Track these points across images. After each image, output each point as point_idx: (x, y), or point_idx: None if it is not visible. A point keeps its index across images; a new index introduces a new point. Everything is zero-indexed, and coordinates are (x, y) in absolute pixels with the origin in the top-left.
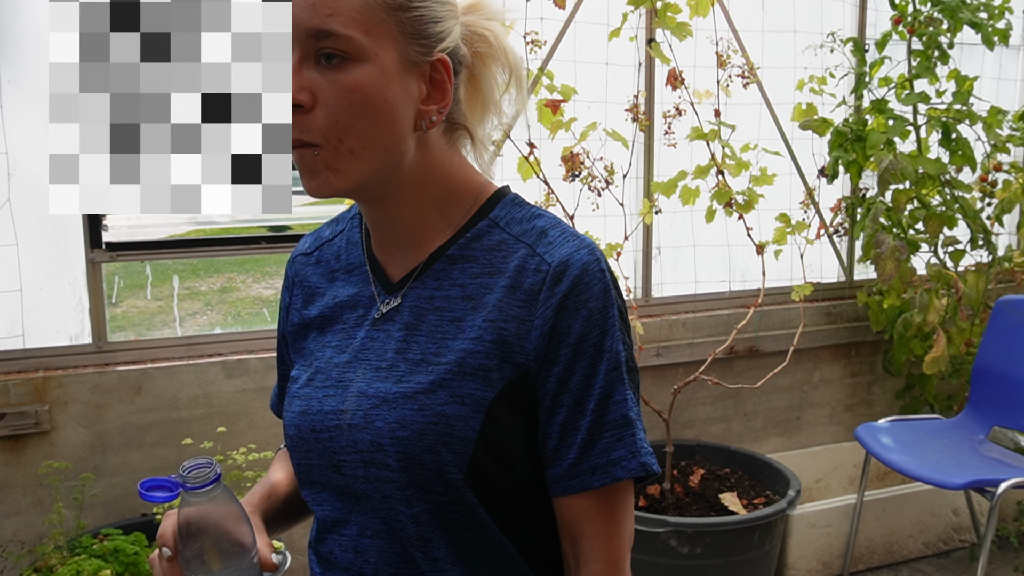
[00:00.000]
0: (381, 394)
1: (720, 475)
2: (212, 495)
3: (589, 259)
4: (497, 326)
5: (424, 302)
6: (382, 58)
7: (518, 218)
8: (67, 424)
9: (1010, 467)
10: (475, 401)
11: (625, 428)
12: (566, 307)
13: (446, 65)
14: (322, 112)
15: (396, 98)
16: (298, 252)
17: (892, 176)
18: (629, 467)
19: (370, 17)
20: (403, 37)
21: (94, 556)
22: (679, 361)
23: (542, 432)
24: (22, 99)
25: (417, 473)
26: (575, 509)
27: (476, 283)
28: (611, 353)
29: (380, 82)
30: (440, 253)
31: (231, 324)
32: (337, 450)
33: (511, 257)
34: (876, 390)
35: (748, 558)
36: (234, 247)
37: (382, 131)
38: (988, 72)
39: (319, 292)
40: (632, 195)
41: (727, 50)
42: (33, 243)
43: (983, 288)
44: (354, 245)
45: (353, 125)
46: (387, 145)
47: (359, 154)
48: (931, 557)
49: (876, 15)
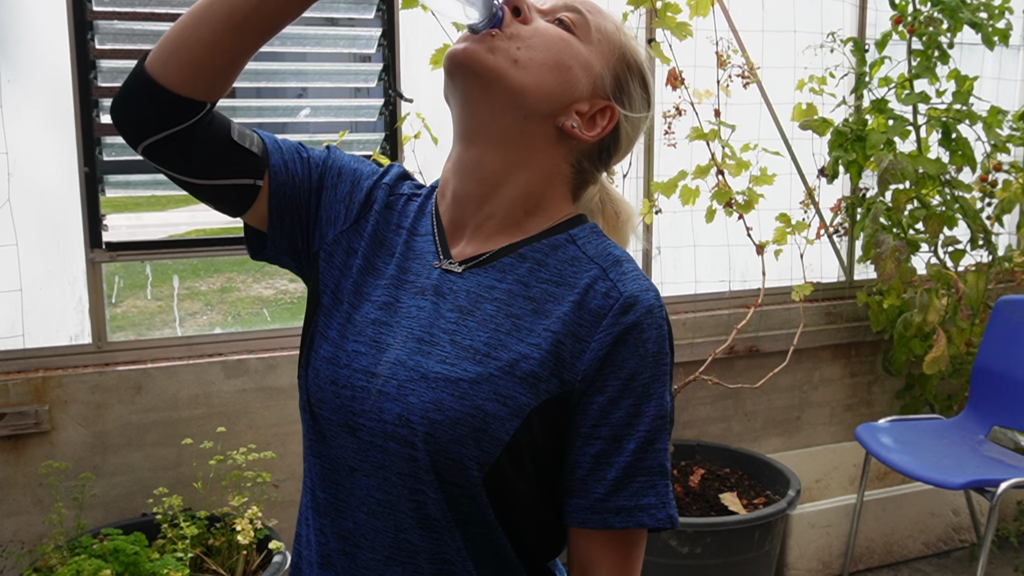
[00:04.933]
0: (421, 369)
1: (720, 475)
2: None
3: (656, 304)
4: (558, 338)
5: (484, 290)
6: (591, 57)
7: (595, 242)
8: (67, 424)
9: (1010, 467)
10: (518, 405)
11: (660, 477)
12: (626, 340)
13: (614, 117)
14: (529, 29)
15: (577, 80)
16: (388, 180)
17: (892, 176)
18: (657, 516)
19: (603, 51)
20: (611, 78)
21: (94, 556)
22: (679, 361)
23: (572, 459)
24: (22, 99)
25: (440, 460)
26: (592, 543)
27: (542, 288)
28: (660, 400)
29: (579, 58)
30: (511, 249)
31: (231, 324)
32: (357, 412)
33: (582, 275)
34: (876, 390)
35: (748, 558)
36: (234, 247)
37: (546, 75)
38: (988, 72)
39: (381, 239)
40: (632, 195)
41: (727, 50)
42: (33, 243)
43: (983, 288)
44: (426, 215)
45: (538, 49)
46: (538, 92)
47: (522, 65)
48: (931, 557)
49: (876, 15)
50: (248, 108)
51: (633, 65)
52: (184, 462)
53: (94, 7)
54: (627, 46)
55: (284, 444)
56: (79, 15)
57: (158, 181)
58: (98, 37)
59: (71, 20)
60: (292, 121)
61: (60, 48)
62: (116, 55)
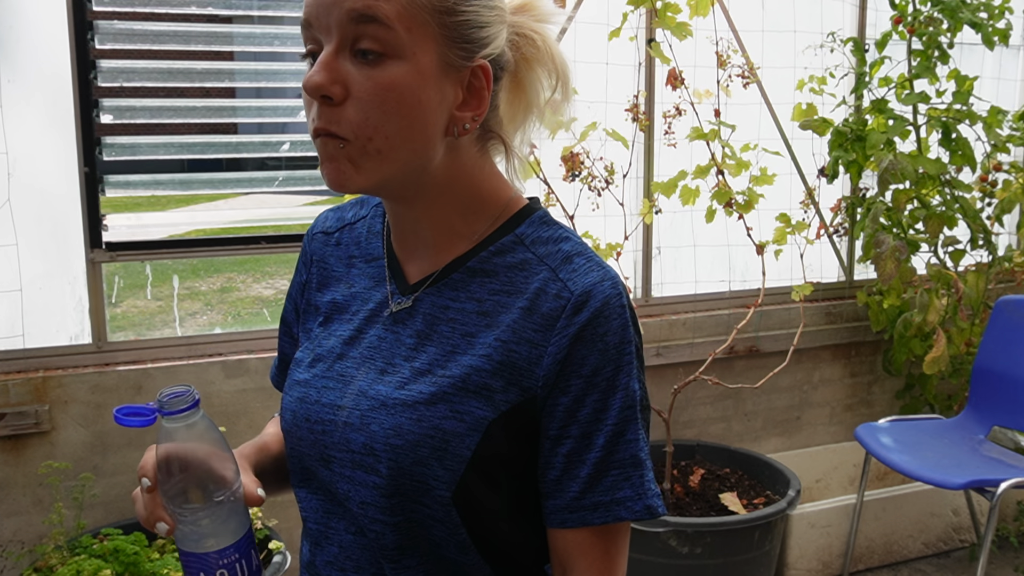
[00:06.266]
0: (381, 397)
1: (720, 475)
2: (190, 421)
3: (611, 292)
4: (508, 347)
5: (439, 311)
6: (420, 58)
7: (544, 238)
8: (67, 424)
9: (1010, 467)
10: (474, 419)
11: (634, 468)
12: (583, 338)
13: (487, 72)
14: (353, 107)
15: (430, 101)
16: (318, 229)
17: (892, 176)
18: (634, 508)
19: (414, 15)
20: (445, 40)
21: (94, 556)
22: (679, 361)
23: (544, 461)
24: (22, 99)
25: (405, 483)
26: (570, 542)
27: (493, 300)
28: (626, 391)
29: (416, 83)
30: (461, 263)
31: (231, 324)
32: (329, 444)
33: (532, 279)
34: (876, 390)
35: (748, 558)
36: (234, 247)
37: (412, 133)
38: (988, 72)
39: (335, 276)
40: (632, 195)
41: (727, 50)
42: (33, 243)
43: (983, 288)
44: (375, 236)
45: (383, 125)
46: (415, 148)
47: (385, 154)
48: (931, 557)
49: (876, 15)
50: (248, 108)
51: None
52: None
53: (94, 7)
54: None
55: None
56: (79, 15)
57: (158, 181)
58: (98, 37)
59: (71, 20)
60: (292, 121)
61: (60, 48)
62: (116, 55)
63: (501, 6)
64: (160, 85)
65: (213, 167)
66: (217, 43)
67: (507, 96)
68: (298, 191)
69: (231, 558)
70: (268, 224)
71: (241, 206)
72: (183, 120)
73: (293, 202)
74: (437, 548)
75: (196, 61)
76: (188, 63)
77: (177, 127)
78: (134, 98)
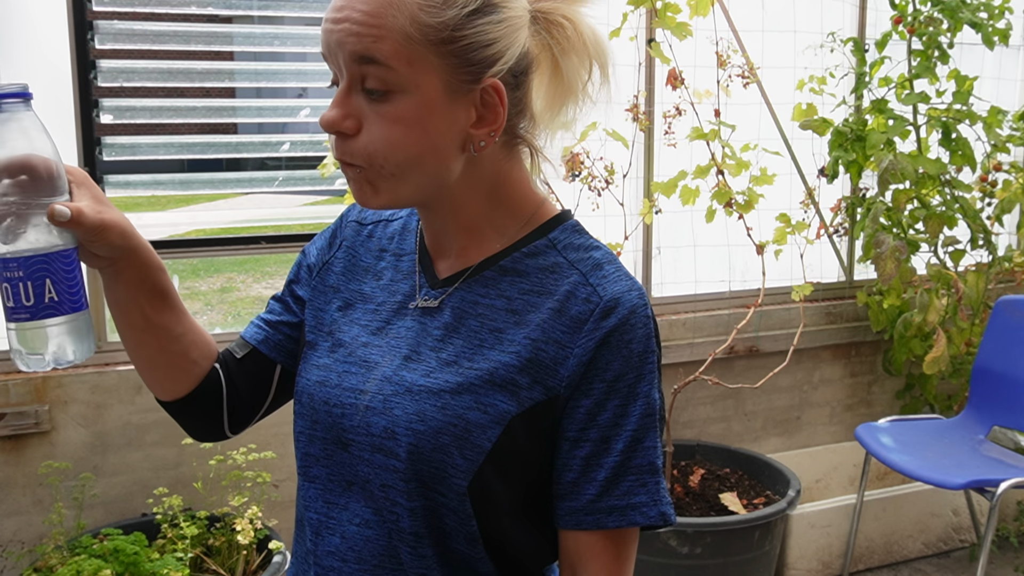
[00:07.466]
0: (405, 383)
1: (720, 475)
2: (15, 113)
3: (639, 303)
4: (536, 346)
5: (468, 306)
6: (425, 89)
7: (576, 245)
8: (67, 424)
9: (1010, 467)
10: (498, 412)
11: (650, 475)
12: (609, 343)
13: (498, 90)
14: (364, 139)
15: (438, 127)
16: (353, 217)
17: (892, 176)
18: (649, 514)
19: (411, 50)
20: (448, 68)
21: (94, 556)
22: (679, 361)
23: (561, 463)
24: None
25: (423, 469)
26: (583, 544)
27: (523, 299)
28: (647, 399)
29: (421, 114)
30: (492, 261)
31: (231, 324)
32: (348, 428)
33: (563, 281)
34: (876, 390)
35: (748, 558)
36: (234, 247)
37: (422, 159)
38: (988, 72)
39: (363, 267)
40: (632, 195)
41: (727, 50)
42: None
43: (983, 288)
44: (410, 233)
45: (392, 155)
46: (427, 171)
47: (399, 177)
48: (931, 557)
49: (876, 15)
50: (248, 108)
51: (448, 21)
52: (184, 462)
53: (94, 7)
54: (416, 18)
55: (284, 444)
56: (79, 15)
57: (158, 181)
58: (98, 37)
59: (71, 20)
60: (292, 121)
61: (60, 48)
62: (116, 55)
63: (512, 14)
64: (160, 85)
65: (213, 167)
66: (217, 43)
67: (545, 87)
68: (298, 191)
69: (14, 274)
70: (268, 224)
71: (241, 206)
72: (183, 120)
73: (293, 202)
74: (447, 539)
75: (196, 61)
76: (188, 63)
77: (177, 127)
78: (134, 98)
